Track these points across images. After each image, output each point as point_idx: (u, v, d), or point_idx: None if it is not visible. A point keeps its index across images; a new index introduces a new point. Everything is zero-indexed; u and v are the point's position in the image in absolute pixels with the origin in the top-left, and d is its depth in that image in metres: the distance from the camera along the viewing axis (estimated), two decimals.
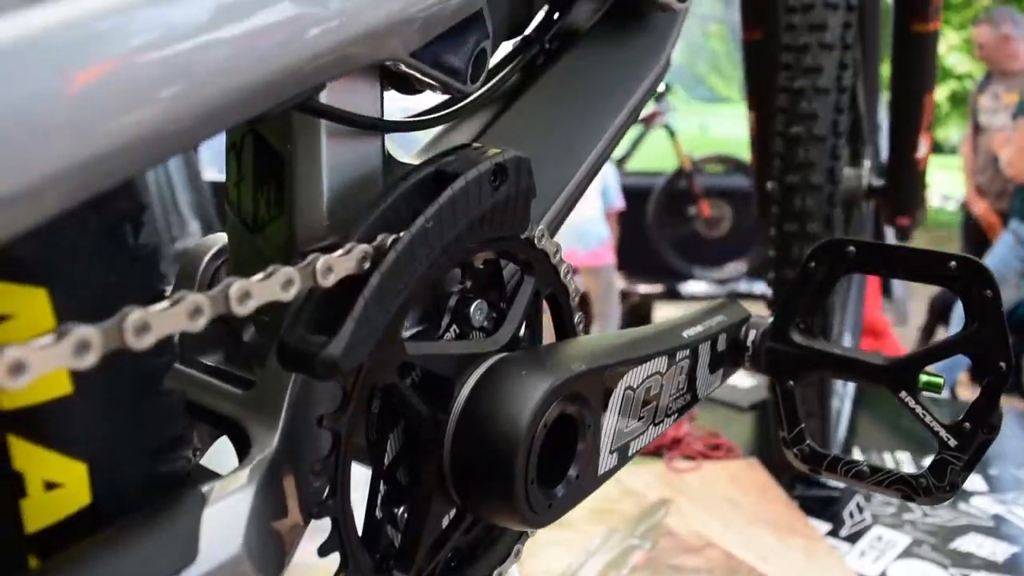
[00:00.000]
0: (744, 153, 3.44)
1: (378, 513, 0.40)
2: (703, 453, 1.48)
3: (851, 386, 1.55)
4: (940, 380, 0.54)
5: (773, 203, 1.01)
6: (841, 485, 1.38)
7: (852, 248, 0.55)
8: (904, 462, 1.45)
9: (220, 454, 0.41)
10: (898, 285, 3.56)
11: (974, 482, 1.40)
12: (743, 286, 3.47)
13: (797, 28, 1.01)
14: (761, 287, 3.45)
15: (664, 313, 3.87)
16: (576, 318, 0.49)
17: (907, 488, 0.55)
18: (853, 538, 1.24)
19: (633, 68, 0.61)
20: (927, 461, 0.54)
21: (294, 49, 0.30)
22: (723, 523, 1.28)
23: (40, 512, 0.31)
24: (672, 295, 3.52)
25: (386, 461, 0.40)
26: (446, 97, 0.47)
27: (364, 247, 0.34)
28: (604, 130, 0.57)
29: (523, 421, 0.37)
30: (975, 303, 0.52)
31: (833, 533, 1.26)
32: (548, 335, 0.48)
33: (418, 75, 0.40)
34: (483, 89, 0.46)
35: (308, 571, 0.40)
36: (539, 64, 0.57)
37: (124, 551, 0.29)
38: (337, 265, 0.33)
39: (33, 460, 0.30)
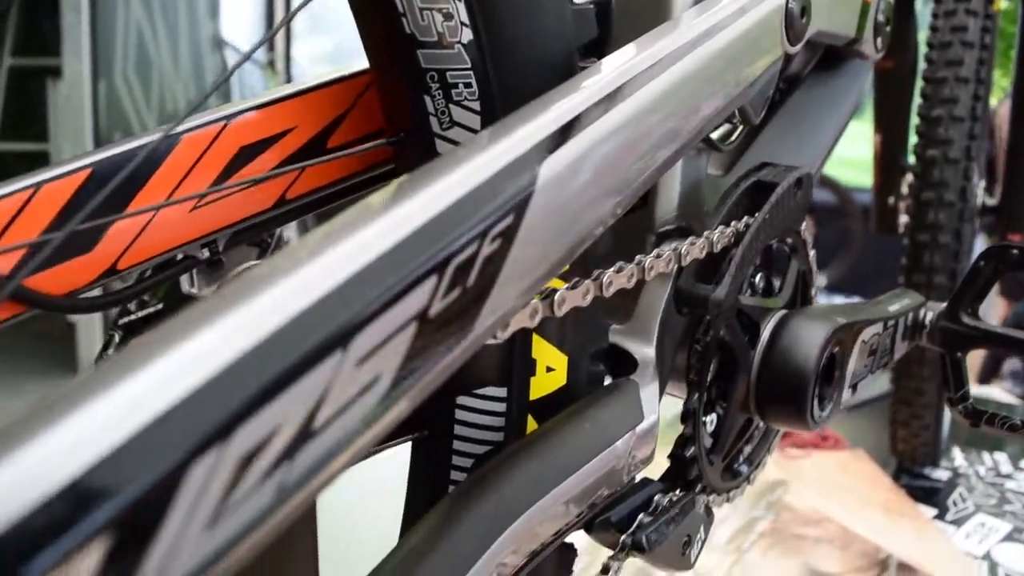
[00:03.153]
0: (830, 168, 3.58)
1: (702, 418, 0.59)
2: (813, 443, 1.65)
3: None
4: None
5: (908, 217, 1.20)
6: (944, 476, 1.55)
7: (1016, 251, 0.74)
8: (1001, 462, 1.62)
9: None
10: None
11: None
12: (822, 299, 3.60)
13: (935, 62, 1.20)
14: (839, 301, 3.58)
15: None
16: (813, 291, 0.68)
17: None
18: (958, 523, 1.40)
19: (837, 104, 0.80)
20: None
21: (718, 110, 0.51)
22: (837, 504, 1.46)
23: (539, 387, 0.51)
24: None
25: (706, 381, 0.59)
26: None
27: (732, 229, 0.54)
28: (822, 152, 0.76)
29: (815, 355, 0.57)
30: None
31: (939, 517, 1.42)
32: None
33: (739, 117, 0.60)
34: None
35: None
36: (775, 102, 0.76)
37: (606, 411, 0.49)
38: (722, 238, 0.53)
39: (543, 351, 0.50)
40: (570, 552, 0.57)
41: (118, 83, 2.40)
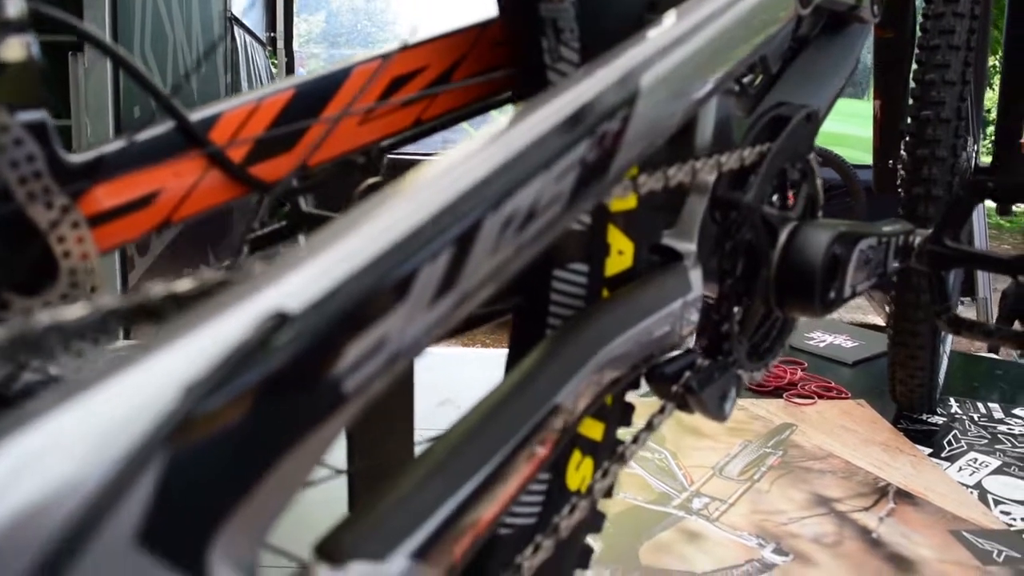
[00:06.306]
0: (830, 144, 3.79)
1: (724, 311, 0.78)
2: (817, 393, 1.85)
3: (948, 349, 1.91)
4: None
5: (904, 172, 1.40)
6: (940, 421, 1.75)
7: (991, 184, 0.93)
8: (995, 410, 1.82)
9: None
10: (982, 285, 3.90)
11: None
12: None
13: (930, 31, 1.39)
14: None
15: None
16: (819, 212, 0.88)
17: (1022, 341, 0.93)
18: (951, 459, 1.60)
19: (840, 59, 1.00)
20: (1017, 410, 0.91)
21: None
22: (840, 442, 1.66)
23: (612, 265, 0.70)
24: None
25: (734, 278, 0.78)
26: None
27: (757, 149, 0.73)
28: (827, 98, 0.96)
29: (822, 252, 0.76)
30: None
31: (934, 455, 1.62)
32: None
33: (760, 67, 0.79)
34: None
35: None
36: (788, 58, 0.96)
37: (662, 286, 0.69)
38: (750, 155, 0.72)
39: (615, 237, 0.69)
40: (630, 408, 0.76)
41: (136, 57, 2.58)
